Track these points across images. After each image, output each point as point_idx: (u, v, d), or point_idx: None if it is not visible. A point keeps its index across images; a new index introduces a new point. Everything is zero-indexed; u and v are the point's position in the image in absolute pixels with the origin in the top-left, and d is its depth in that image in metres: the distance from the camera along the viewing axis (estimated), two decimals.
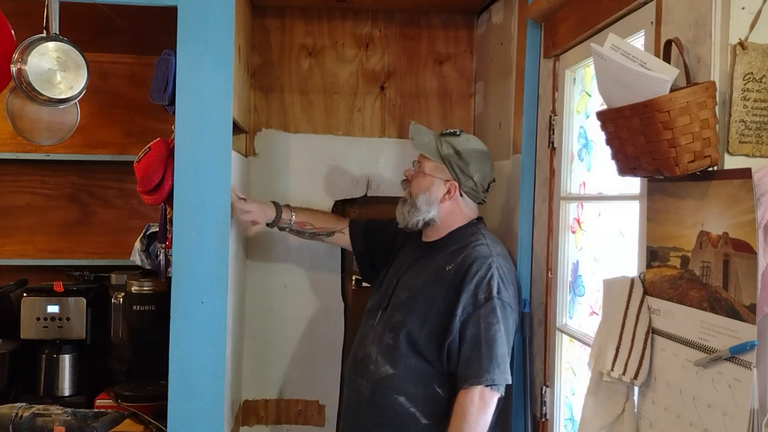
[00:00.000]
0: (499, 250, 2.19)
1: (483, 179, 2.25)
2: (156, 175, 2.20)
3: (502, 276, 2.11)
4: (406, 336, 2.12)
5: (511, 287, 2.14)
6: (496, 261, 2.12)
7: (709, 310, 1.31)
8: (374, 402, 2.13)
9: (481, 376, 1.99)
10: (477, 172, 2.23)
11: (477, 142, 2.30)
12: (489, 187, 2.30)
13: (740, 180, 1.23)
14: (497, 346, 2.02)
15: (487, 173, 2.27)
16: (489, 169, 2.28)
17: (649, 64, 1.36)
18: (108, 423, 2.13)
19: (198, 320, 2.12)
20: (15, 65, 1.98)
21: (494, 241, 2.23)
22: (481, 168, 2.24)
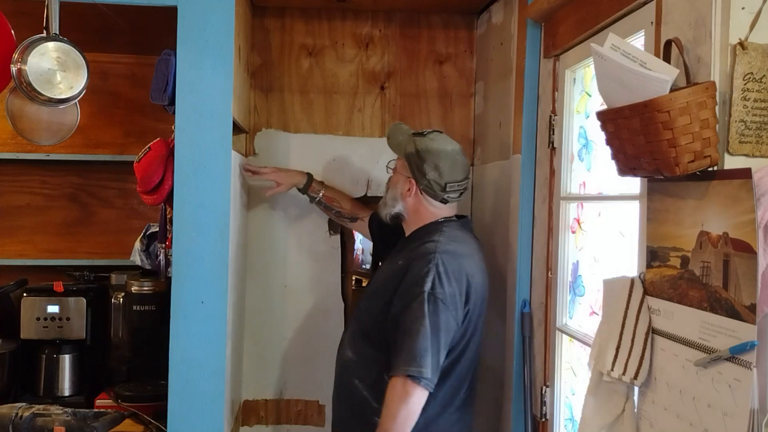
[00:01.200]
0: (450, 248, 2.15)
1: (439, 178, 2.20)
2: (156, 175, 2.20)
3: (442, 272, 2.08)
4: (364, 325, 2.26)
5: (454, 284, 2.09)
6: (438, 257, 2.10)
7: (709, 310, 1.31)
8: (340, 382, 2.30)
9: (400, 366, 2.02)
10: (432, 170, 2.21)
11: (441, 142, 2.27)
12: (448, 187, 2.21)
13: (740, 180, 1.23)
14: (418, 340, 2.01)
15: (445, 172, 2.21)
16: (448, 168, 2.22)
17: (649, 64, 1.36)
18: (108, 423, 2.13)
19: (198, 320, 2.12)
20: (15, 65, 1.98)
21: (449, 239, 2.18)
22: (436, 167, 2.21)
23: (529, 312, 2.32)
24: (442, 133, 2.33)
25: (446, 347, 2.07)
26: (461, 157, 2.27)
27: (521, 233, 2.35)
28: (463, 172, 2.26)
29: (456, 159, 2.25)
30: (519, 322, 2.33)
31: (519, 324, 2.32)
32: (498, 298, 2.56)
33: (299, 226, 2.95)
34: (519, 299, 2.35)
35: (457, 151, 2.27)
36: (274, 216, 2.94)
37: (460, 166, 2.25)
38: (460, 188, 2.25)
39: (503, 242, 2.52)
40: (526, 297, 2.34)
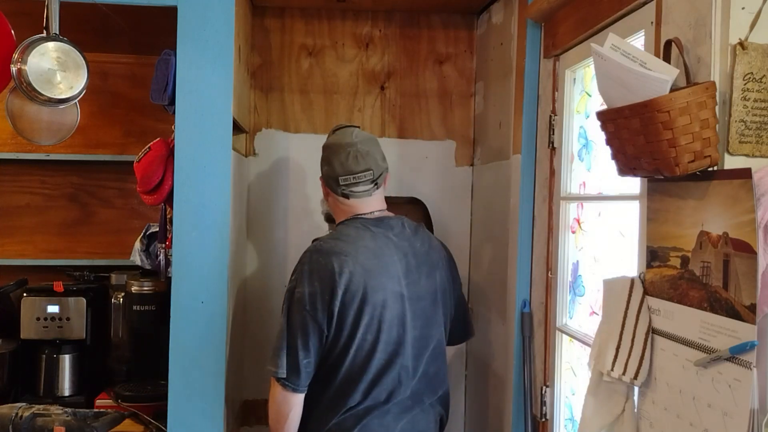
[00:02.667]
0: (327, 246, 2.05)
1: (331, 171, 2.14)
2: (156, 175, 2.20)
3: (305, 272, 2.02)
4: None
5: (317, 283, 2.00)
6: (308, 256, 2.05)
7: (709, 310, 1.31)
8: None
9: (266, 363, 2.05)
10: (325, 165, 2.18)
11: (340, 137, 2.19)
12: (341, 180, 2.11)
13: (740, 180, 1.23)
14: (276, 339, 2.03)
15: (336, 165, 2.12)
16: (341, 161, 2.12)
17: (649, 64, 1.36)
18: (108, 423, 2.13)
19: (198, 320, 2.12)
20: (15, 65, 1.98)
21: (332, 237, 2.11)
22: (328, 160, 2.16)
23: (529, 312, 2.32)
24: (352, 128, 2.21)
25: (312, 348, 2.00)
26: (358, 148, 2.12)
27: (521, 233, 2.35)
28: (359, 164, 2.11)
29: (349, 151, 2.12)
30: (519, 322, 2.32)
31: (519, 324, 2.32)
32: (498, 298, 2.56)
33: (299, 226, 2.95)
34: (519, 299, 2.35)
35: (353, 143, 2.13)
36: (274, 216, 2.94)
37: (353, 158, 2.11)
38: (358, 180, 2.11)
39: (503, 242, 2.52)
40: (526, 297, 2.34)
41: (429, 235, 2.26)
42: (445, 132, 3.02)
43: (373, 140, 2.21)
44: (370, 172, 2.13)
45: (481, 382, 2.82)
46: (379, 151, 2.19)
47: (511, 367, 2.36)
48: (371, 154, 2.14)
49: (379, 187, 2.17)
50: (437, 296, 2.16)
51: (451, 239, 2.99)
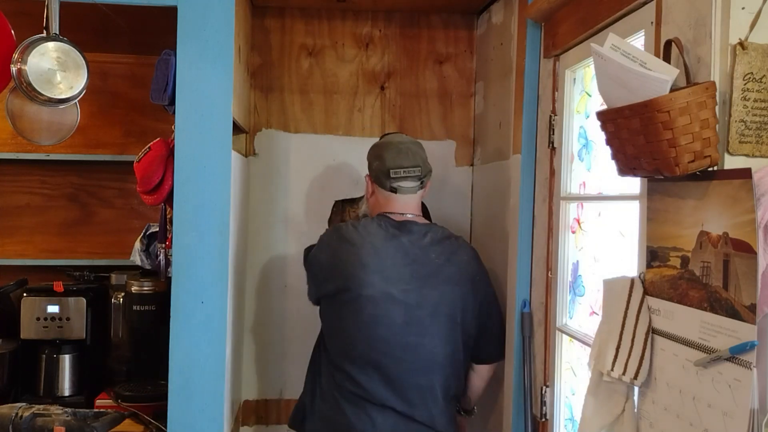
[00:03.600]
0: (343, 230, 2.30)
1: (382, 165, 2.30)
2: (156, 175, 2.20)
3: (322, 240, 2.34)
4: None
5: (322, 255, 2.30)
6: (329, 230, 2.40)
7: (709, 310, 1.31)
8: None
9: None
10: (375, 159, 2.35)
11: (389, 137, 2.41)
12: (392, 173, 2.28)
13: (740, 180, 1.23)
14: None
15: (387, 159, 2.29)
16: (391, 156, 2.30)
17: (649, 64, 1.36)
18: (108, 423, 2.13)
19: (198, 320, 2.12)
20: (15, 65, 1.98)
21: (353, 225, 2.31)
22: (379, 156, 2.33)
23: (529, 312, 2.32)
24: (398, 134, 2.43)
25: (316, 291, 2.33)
26: (408, 146, 2.31)
27: (521, 233, 2.35)
28: (409, 160, 2.28)
29: (400, 148, 2.30)
30: (519, 322, 2.32)
31: (519, 324, 2.32)
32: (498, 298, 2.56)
33: (299, 226, 2.95)
34: (519, 299, 2.35)
35: (403, 141, 2.33)
36: (274, 216, 2.94)
37: (404, 154, 2.29)
38: (408, 175, 2.28)
39: (503, 242, 2.52)
40: (526, 297, 2.34)
41: (460, 249, 2.31)
42: (445, 132, 3.02)
43: (420, 144, 2.37)
44: (419, 169, 2.30)
45: None
46: (425, 153, 2.36)
47: (510, 367, 2.36)
48: (419, 153, 2.33)
49: (423, 186, 2.33)
50: (441, 309, 2.20)
51: None
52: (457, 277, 2.25)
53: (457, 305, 2.23)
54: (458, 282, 2.24)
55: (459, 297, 2.23)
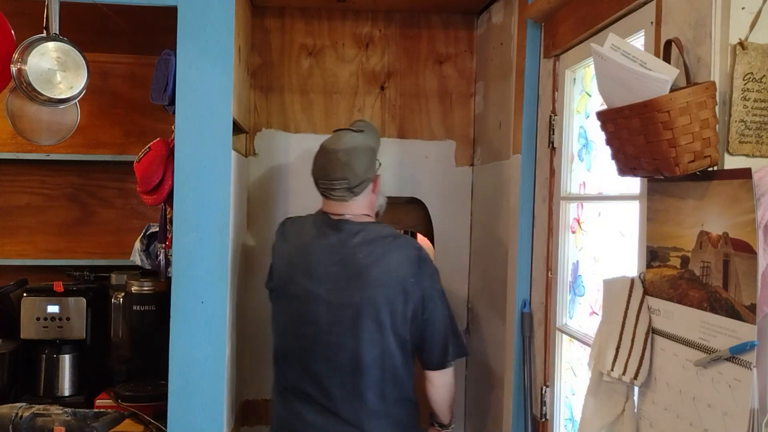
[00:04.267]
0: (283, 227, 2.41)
1: (312, 171, 2.33)
2: (156, 175, 2.20)
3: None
4: None
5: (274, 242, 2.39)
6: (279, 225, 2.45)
7: (709, 310, 1.31)
8: None
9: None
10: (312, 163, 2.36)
11: (326, 140, 2.35)
12: (316, 181, 2.31)
13: (740, 180, 1.23)
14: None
15: (313, 166, 2.33)
16: (316, 163, 2.32)
17: (649, 64, 1.36)
18: (108, 423, 2.13)
19: (198, 320, 2.12)
20: (15, 65, 1.98)
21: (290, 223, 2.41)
22: (314, 159, 2.35)
23: (529, 312, 2.32)
24: (348, 132, 2.33)
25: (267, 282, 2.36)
26: (339, 156, 2.23)
27: (521, 233, 2.35)
28: (336, 172, 2.22)
29: (329, 158, 2.25)
30: (519, 322, 2.32)
31: (519, 324, 2.32)
32: (498, 298, 2.56)
33: None
34: (519, 299, 2.35)
35: (337, 150, 2.25)
36: (274, 216, 2.94)
37: (332, 165, 2.24)
38: (332, 187, 2.24)
39: (503, 242, 2.52)
40: (526, 297, 2.34)
41: (393, 251, 2.20)
42: (445, 132, 3.02)
43: (359, 149, 2.25)
44: (346, 182, 2.22)
45: (481, 382, 2.82)
46: (365, 161, 2.25)
47: (510, 367, 2.36)
48: (350, 164, 2.22)
49: (357, 194, 2.26)
50: (365, 311, 2.13)
51: (451, 239, 3.00)
52: (383, 279, 2.16)
53: (382, 308, 2.14)
54: (384, 284, 2.15)
55: (385, 300, 2.14)
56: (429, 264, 2.25)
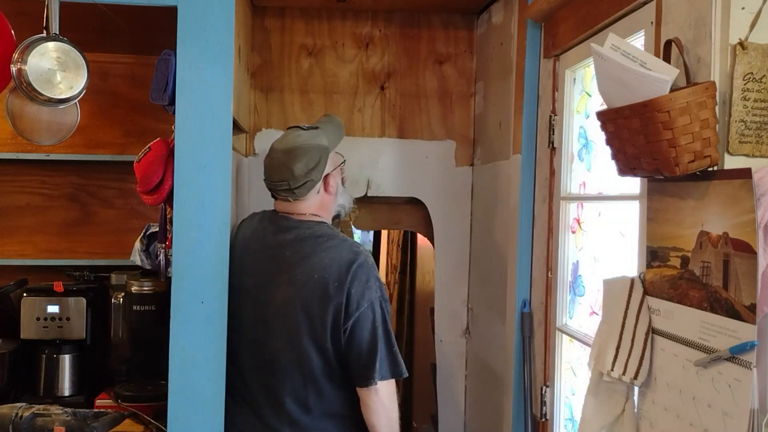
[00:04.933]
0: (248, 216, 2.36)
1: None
2: (156, 175, 2.20)
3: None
4: None
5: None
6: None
7: (709, 310, 1.31)
8: None
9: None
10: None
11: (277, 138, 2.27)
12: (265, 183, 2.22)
13: (740, 180, 1.23)
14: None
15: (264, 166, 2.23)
16: (264, 164, 2.22)
17: (649, 64, 1.36)
18: (108, 423, 2.13)
19: (198, 320, 2.12)
20: (15, 65, 1.98)
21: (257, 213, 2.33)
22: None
23: (529, 312, 2.32)
24: (296, 130, 2.22)
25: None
26: (280, 158, 2.14)
27: (521, 233, 2.35)
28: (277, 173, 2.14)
29: (273, 158, 2.17)
30: (519, 322, 2.33)
31: (519, 324, 2.32)
32: (498, 298, 2.56)
33: None
34: (519, 299, 2.35)
35: (278, 149, 2.17)
36: None
37: (274, 165, 2.15)
38: (275, 188, 2.16)
39: (503, 242, 2.52)
40: (526, 297, 2.34)
41: (323, 251, 2.06)
42: (445, 132, 3.02)
43: (301, 149, 2.12)
44: (285, 183, 2.13)
45: (481, 382, 2.82)
46: (308, 161, 2.11)
47: (511, 367, 2.36)
48: (288, 165, 2.11)
49: (301, 195, 2.14)
50: (285, 310, 2.05)
51: (451, 239, 3.00)
52: (303, 279, 2.04)
53: (299, 309, 2.03)
54: (304, 284, 2.03)
55: (302, 301, 2.03)
56: (365, 272, 2.03)
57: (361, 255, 2.06)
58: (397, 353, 2.03)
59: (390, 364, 2.01)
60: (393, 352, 2.02)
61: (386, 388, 2.01)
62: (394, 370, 2.01)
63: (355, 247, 2.10)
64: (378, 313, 2.02)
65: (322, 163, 2.15)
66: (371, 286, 2.03)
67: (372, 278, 2.05)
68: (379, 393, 2.00)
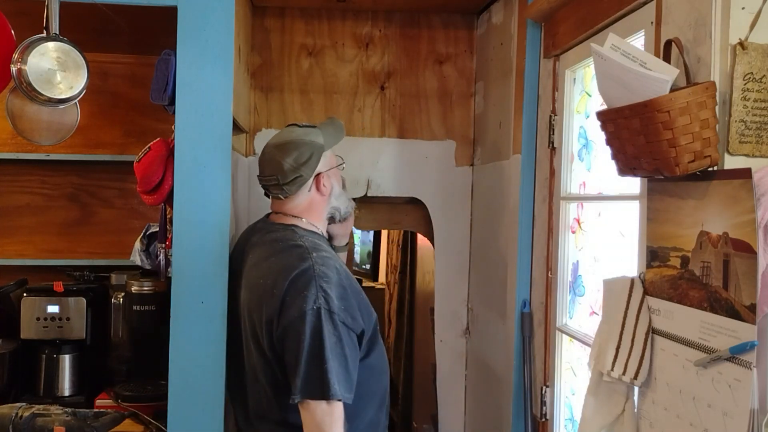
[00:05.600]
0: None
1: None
2: (156, 175, 2.20)
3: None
4: None
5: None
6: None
7: (709, 310, 1.31)
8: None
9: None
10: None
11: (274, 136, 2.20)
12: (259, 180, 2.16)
13: (740, 180, 1.23)
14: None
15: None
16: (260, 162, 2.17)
17: (649, 64, 1.36)
18: (108, 423, 2.13)
19: (198, 320, 2.12)
20: (15, 65, 1.98)
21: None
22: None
23: (529, 312, 2.32)
24: (291, 127, 2.16)
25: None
26: (270, 152, 2.08)
27: (521, 233, 2.35)
28: (266, 168, 2.08)
29: (264, 152, 2.11)
30: (519, 322, 2.33)
31: (519, 324, 2.32)
32: (498, 298, 2.56)
33: None
34: (519, 299, 2.35)
35: (268, 145, 2.11)
36: None
37: (265, 160, 2.09)
38: (266, 183, 2.09)
39: (503, 242, 2.52)
40: (526, 297, 2.34)
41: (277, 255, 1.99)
42: (445, 132, 3.02)
43: (292, 144, 2.06)
44: (275, 178, 2.05)
45: (481, 382, 2.82)
46: (298, 156, 2.04)
47: (511, 367, 2.36)
48: (278, 159, 2.04)
49: (291, 192, 2.06)
50: (242, 312, 2.04)
51: (451, 239, 3.00)
52: (251, 283, 2.01)
53: (251, 315, 1.99)
54: (252, 289, 2.00)
55: (249, 306, 2.00)
56: (305, 280, 1.87)
57: (307, 261, 1.91)
58: (328, 371, 1.78)
59: (315, 382, 1.79)
60: (323, 369, 1.78)
61: (321, 408, 1.79)
62: (320, 390, 1.78)
63: (306, 254, 1.93)
64: (309, 325, 1.81)
65: (314, 159, 2.06)
66: (308, 295, 1.84)
67: (312, 287, 1.85)
68: (310, 411, 1.80)
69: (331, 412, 1.79)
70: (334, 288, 1.89)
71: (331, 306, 1.85)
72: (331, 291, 1.87)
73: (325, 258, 1.96)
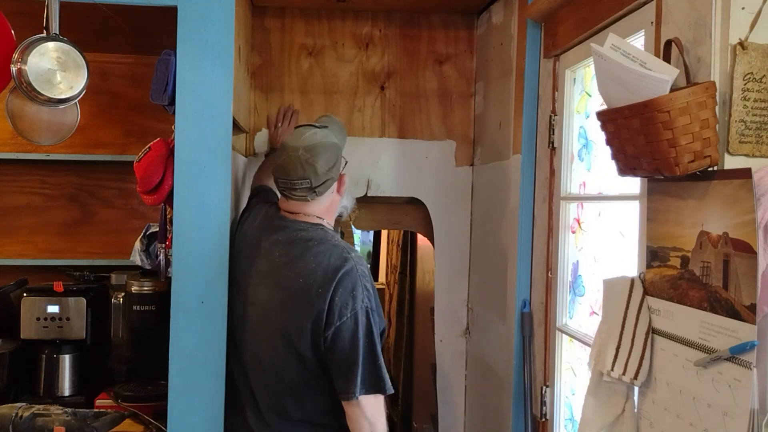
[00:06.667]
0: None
1: (273, 170, 2.19)
2: (156, 175, 2.20)
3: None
4: None
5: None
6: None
7: (709, 310, 1.31)
8: None
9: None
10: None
11: (289, 137, 2.22)
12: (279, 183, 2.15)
13: (740, 180, 1.23)
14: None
15: (276, 165, 2.15)
16: (278, 162, 2.14)
17: (649, 64, 1.36)
18: (108, 423, 2.13)
19: (198, 320, 2.12)
20: (15, 65, 1.98)
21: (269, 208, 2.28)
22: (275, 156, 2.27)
23: (529, 312, 2.32)
24: (310, 128, 2.16)
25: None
26: (300, 155, 2.06)
27: (521, 233, 2.35)
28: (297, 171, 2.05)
29: (291, 156, 2.08)
30: (519, 322, 2.33)
31: (519, 324, 2.32)
32: (498, 298, 2.56)
33: None
34: (519, 299, 2.35)
35: (297, 147, 2.08)
36: None
37: (293, 164, 2.07)
38: (293, 186, 2.08)
39: (503, 242, 2.52)
40: (526, 297, 2.34)
41: (312, 255, 1.99)
42: (445, 132, 3.02)
43: (321, 146, 2.08)
44: (307, 182, 2.06)
45: (481, 382, 2.82)
46: (328, 158, 2.08)
47: (511, 367, 2.36)
48: (311, 162, 2.05)
49: (320, 195, 2.09)
50: (269, 313, 2.03)
51: (451, 239, 3.00)
52: (287, 282, 1.99)
53: (280, 314, 1.99)
54: (287, 288, 1.98)
55: (283, 305, 1.99)
56: (351, 280, 1.94)
57: (349, 261, 1.97)
58: (381, 367, 1.92)
59: (372, 378, 1.91)
60: (377, 366, 1.92)
61: (370, 402, 1.91)
62: (377, 385, 1.91)
63: (346, 253, 2.00)
64: (362, 324, 1.92)
65: (339, 161, 2.14)
66: (357, 295, 1.93)
67: (359, 287, 1.94)
68: (361, 406, 1.91)
69: (379, 404, 1.94)
70: (371, 287, 2.00)
71: (372, 304, 1.97)
72: (372, 290, 2.00)
73: (360, 258, 2.05)
